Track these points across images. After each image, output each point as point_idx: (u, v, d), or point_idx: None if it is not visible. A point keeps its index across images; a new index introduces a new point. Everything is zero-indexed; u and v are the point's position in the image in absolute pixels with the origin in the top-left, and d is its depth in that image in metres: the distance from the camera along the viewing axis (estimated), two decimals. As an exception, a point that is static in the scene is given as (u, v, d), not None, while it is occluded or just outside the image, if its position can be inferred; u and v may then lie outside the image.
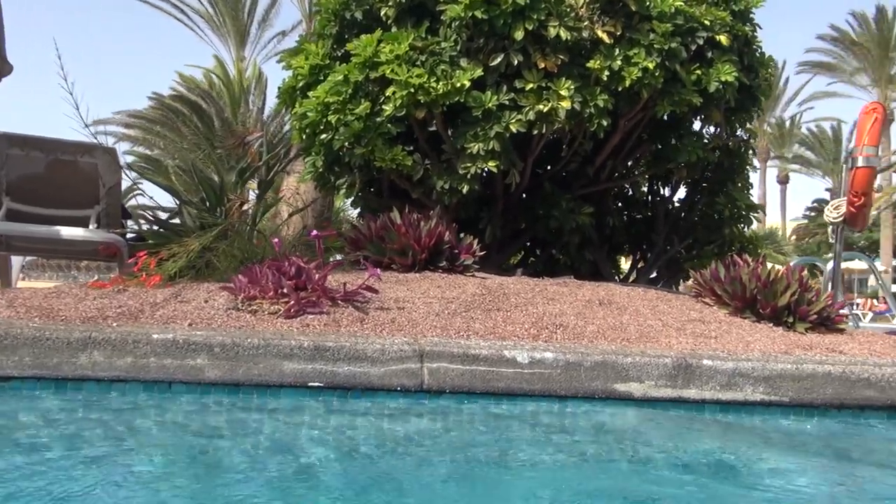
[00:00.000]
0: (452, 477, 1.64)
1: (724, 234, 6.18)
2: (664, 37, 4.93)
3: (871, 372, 2.53)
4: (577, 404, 2.35)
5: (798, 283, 4.04)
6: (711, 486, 1.65)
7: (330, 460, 1.76)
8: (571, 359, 2.42)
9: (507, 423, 2.22)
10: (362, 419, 2.22)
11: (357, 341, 2.47)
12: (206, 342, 2.34)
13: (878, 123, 6.25)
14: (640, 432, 2.21)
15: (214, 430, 2.08)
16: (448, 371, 2.40)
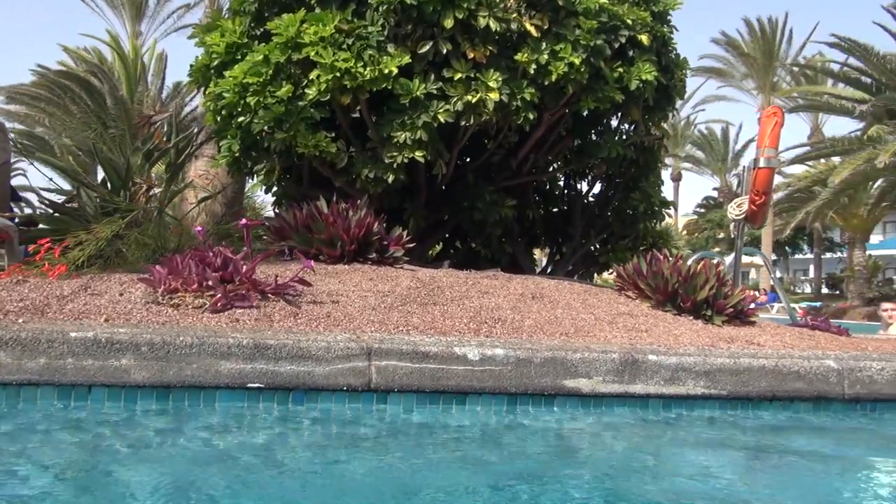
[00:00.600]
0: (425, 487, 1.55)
1: (638, 229, 6.37)
2: (590, 33, 4.98)
3: (800, 365, 2.66)
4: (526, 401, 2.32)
5: (716, 278, 4.20)
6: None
7: (274, 473, 1.62)
8: (522, 355, 2.39)
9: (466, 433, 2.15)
10: (309, 423, 2.09)
11: (300, 338, 2.33)
12: (132, 341, 2.12)
13: (779, 126, 6.61)
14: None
15: (137, 441, 1.88)
16: (397, 369, 2.30)
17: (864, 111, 21.00)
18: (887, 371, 2.74)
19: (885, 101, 20.14)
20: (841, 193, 23.40)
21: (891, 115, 21.06)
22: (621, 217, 6.48)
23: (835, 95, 22.76)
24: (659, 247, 6.69)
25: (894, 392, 2.75)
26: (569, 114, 5.60)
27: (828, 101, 22.93)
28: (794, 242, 39.57)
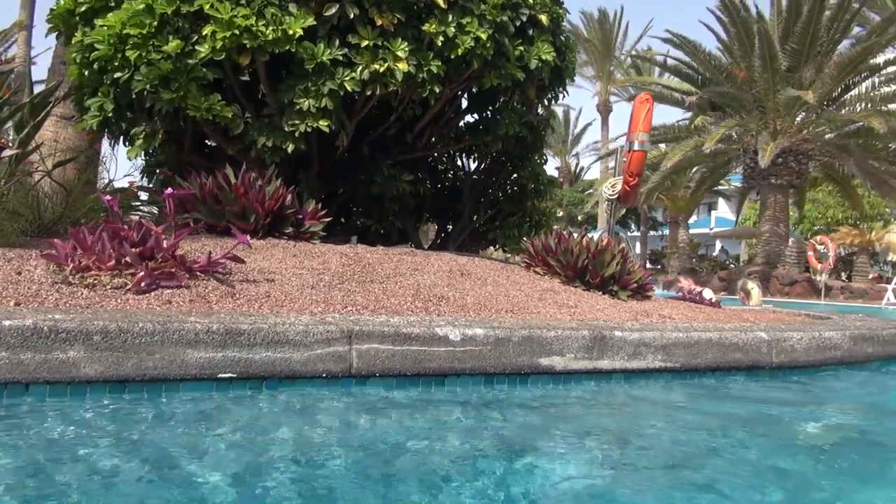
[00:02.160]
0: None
1: (526, 207, 6.52)
2: (495, 9, 4.96)
3: (739, 338, 2.85)
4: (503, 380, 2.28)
5: (620, 255, 4.39)
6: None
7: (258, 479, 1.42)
8: (501, 335, 2.33)
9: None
10: (288, 416, 1.88)
11: (277, 322, 2.09)
12: (81, 329, 1.79)
13: (650, 112, 7.04)
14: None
15: (88, 452, 1.56)
16: (378, 353, 2.15)
17: (693, 102, 23.02)
18: (804, 341, 3.03)
19: (709, 94, 22.20)
20: (668, 177, 25.58)
21: (713, 107, 23.29)
22: (510, 194, 6.60)
23: (667, 87, 24.72)
24: (542, 224, 6.92)
25: (809, 359, 3.06)
26: (468, 89, 5.58)
27: (661, 91, 24.85)
28: (625, 222, 42.81)
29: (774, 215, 23.02)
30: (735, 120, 21.87)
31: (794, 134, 21.72)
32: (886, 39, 21.94)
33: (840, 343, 3.15)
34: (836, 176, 24.57)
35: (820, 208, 31.35)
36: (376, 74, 4.66)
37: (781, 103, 21.18)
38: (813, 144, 22.15)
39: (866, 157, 21.25)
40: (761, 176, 22.55)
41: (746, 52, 21.84)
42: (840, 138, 21.56)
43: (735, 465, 1.63)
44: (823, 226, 30.39)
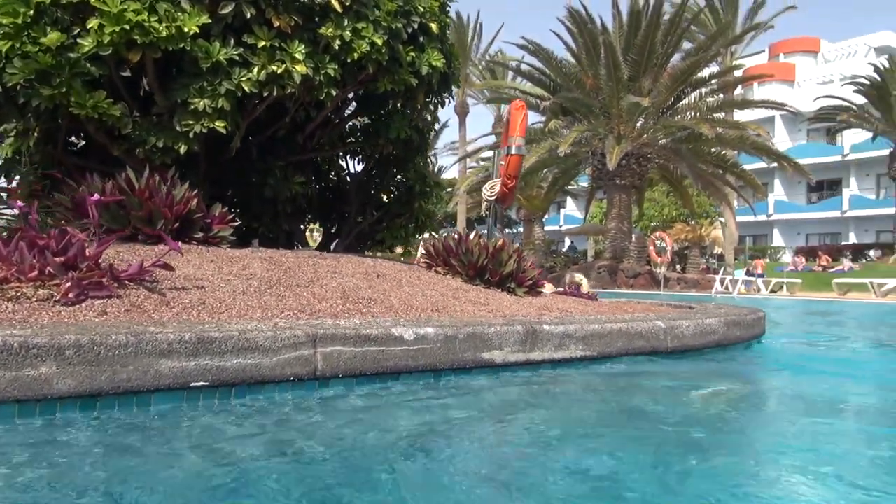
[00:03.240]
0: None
1: (413, 208, 6.68)
2: (390, 15, 5.09)
3: (642, 327, 3.18)
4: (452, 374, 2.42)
5: (516, 255, 4.68)
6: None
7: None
8: (449, 332, 2.46)
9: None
10: (269, 420, 1.88)
11: (245, 329, 2.08)
12: (53, 343, 1.69)
13: (525, 119, 7.46)
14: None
15: (67, 459, 1.50)
16: (341, 355, 2.19)
17: (546, 107, 24.31)
18: (692, 327, 3.44)
19: (561, 99, 23.57)
20: (524, 178, 26.86)
21: (565, 112, 24.77)
22: (398, 195, 6.73)
23: (522, 91, 25.91)
24: (426, 225, 7.12)
25: (695, 343, 3.47)
26: (361, 93, 5.65)
27: (517, 95, 26.02)
28: (482, 220, 44.23)
29: (620, 213, 24.89)
30: (585, 124, 23.40)
31: (635, 138, 23.60)
32: (711, 55, 24.45)
33: (717, 328, 3.61)
34: (670, 177, 27.01)
35: (656, 207, 34.25)
36: (274, 76, 4.62)
37: (624, 109, 22.95)
38: (651, 148, 24.20)
39: (696, 161, 23.55)
40: (608, 177, 24.29)
41: (593, 62, 23.44)
42: (674, 143, 23.70)
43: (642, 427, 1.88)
44: (660, 223, 33.25)
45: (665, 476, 1.52)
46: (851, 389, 3.04)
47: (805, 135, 41.71)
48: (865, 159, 38.49)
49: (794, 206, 41.96)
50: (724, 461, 1.68)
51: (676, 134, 23.60)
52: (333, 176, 7.11)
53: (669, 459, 1.65)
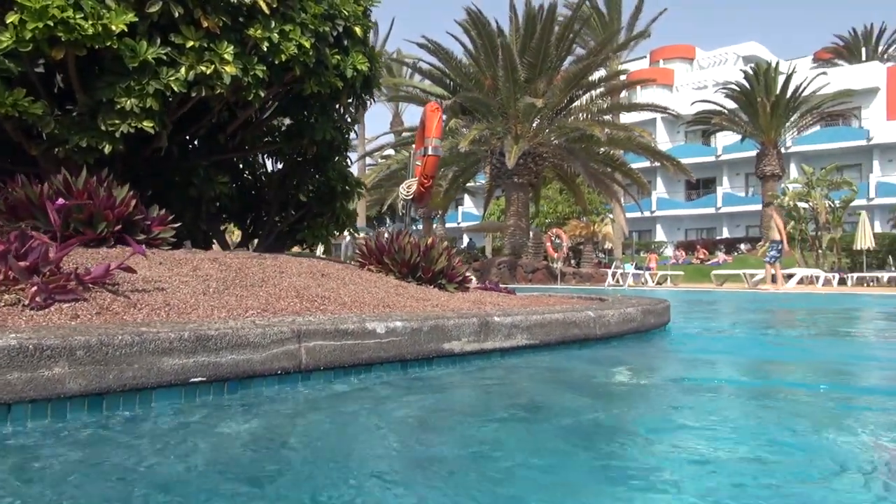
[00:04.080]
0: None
1: (335, 207, 6.76)
2: (317, 18, 5.17)
3: (577, 317, 3.47)
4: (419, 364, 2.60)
5: (446, 252, 4.91)
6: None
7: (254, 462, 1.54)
8: (415, 325, 2.63)
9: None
10: (263, 411, 1.97)
11: (238, 327, 2.15)
12: (65, 345, 1.71)
13: (441, 120, 7.71)
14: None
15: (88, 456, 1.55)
16: (322, 348, 2.31)
17: (447, 106, 24.71)
18: (616, 316, 3.78)
19: (461, 98, 24.07)
20: (427, 175, 27.22)
21: (464, 111, 25.31)
22: (319, 195, 6.79)
23: (422, 90, 26.21)
24: (346, 224, 7.22)
25: (619, 330, 3.82)
26: (287, 94, 5.69)
27: (416, 94, 26.33)
28: (381, 217, 44.30)
29: (518, 211, 25.75)
30: (484, 124, 24.03)
31: (532, 138, 24.50)
32: (600, 60, 25.73)
33: (636, 316, 3.99)
34: (564, 176, 28.20)
35: (551, 204, 35.59)
36: (203, 76, 4.61)
37: (521, 110, 23.76)
38: (547, 148, 25.19)
39: (588, 160, 24.75)
40: (506, 175, 25.06)
41: (491, 63, 24.10)
42: (568, 143, 24.79)
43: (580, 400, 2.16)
44: (554, 220, 34.60)
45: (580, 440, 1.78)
46: (747, 362, 3.49)
47: (683, 136, 44.62)
48: (736, 160, 41.71)
49: (674, 203, 44.82)
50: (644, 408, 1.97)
51: (570, 134, 24.69)
52: (248, 175, 7.06)
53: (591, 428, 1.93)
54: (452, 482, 1.42)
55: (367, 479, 1.43)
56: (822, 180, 25.20)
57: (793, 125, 33.10)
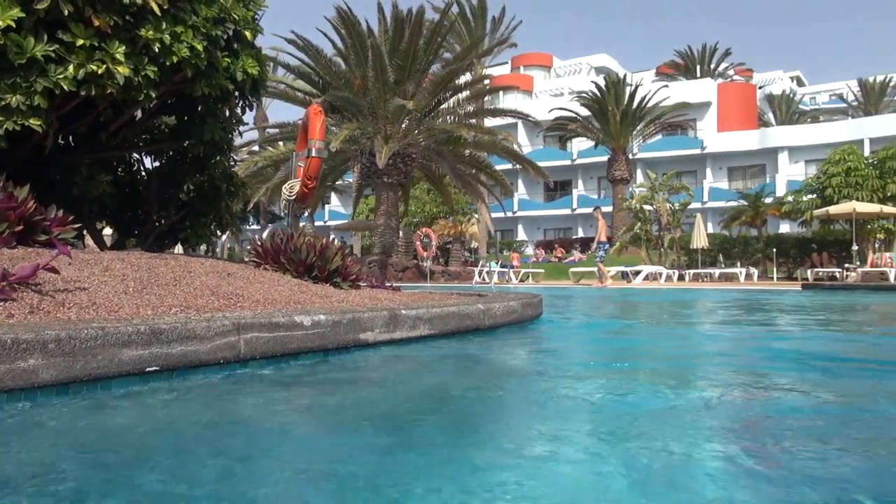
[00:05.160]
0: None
1: (220, 207, 6.79)
2: (209, 22, 5.25)
3: (470, 310, 3.86)
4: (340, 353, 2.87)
5: (340, 253, 5.18)
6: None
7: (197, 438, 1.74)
8: (336, 318, 2.88)
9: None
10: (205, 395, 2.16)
11: (186, 321, 2.30)
12: (38, 339, 1.81)
13: (324, 123, 7.91)
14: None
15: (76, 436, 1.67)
16: (258, 339, 2.51)
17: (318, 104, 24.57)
18: (501, 309, 4.22)
19: (331, 97, 24.04)
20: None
21: (334, 110, 25.29)
22: (203, 195, 6.78)
23: (291, 87, 25.87)
24: (229, 225, 7.25)
25: (504, 321, 4.27)
26: (176, 94, 5.69)
27: (286, 90, 25.94)
28: (244, 216, 42.97)
29: (388, 210, 26.11)
30: (354, 123, 24.16)
31: (401, 139, 24.94)
32: (466, 65, 26.67)
33: (517, 309, 4.48)
34: (432, 176, 28.92)
35: (419, 204, 36.26)
36: (94, 75, 4.58)
37: (391, 111, 24.16)
38: (416, 149, 25.74)
39: (456, 162, 25.60)
40: (376, 175, 25.34)
41: (361, 63, 24.28)
42: (437, 145, 25.48)
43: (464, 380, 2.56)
44: (422, 219, 35.31)
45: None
46: (608, 344, 4.09)
47: (542, 140, 47.01)
48: (590, 164, 44.60)
49: (534, 204, 47.15)
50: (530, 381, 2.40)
51: (438, 136, 25.40)
52: (122, 174, 6.91)
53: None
54: (361, 436, 1.75)
55: (292, 443, 1.73)
56: (664, 185, 27.70)
57: (639, 133, 36.02)
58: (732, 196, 35.18)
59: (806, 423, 1.95)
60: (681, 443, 1.71)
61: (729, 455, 1.60)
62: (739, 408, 2.19)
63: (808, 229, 28.35)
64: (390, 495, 1.31)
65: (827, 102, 62.87)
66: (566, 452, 1.63)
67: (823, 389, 2.54)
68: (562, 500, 1.31)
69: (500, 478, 1.43)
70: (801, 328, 5.62)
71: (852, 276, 19.46)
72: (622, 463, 1.53)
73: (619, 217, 33.24)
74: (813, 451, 1.62)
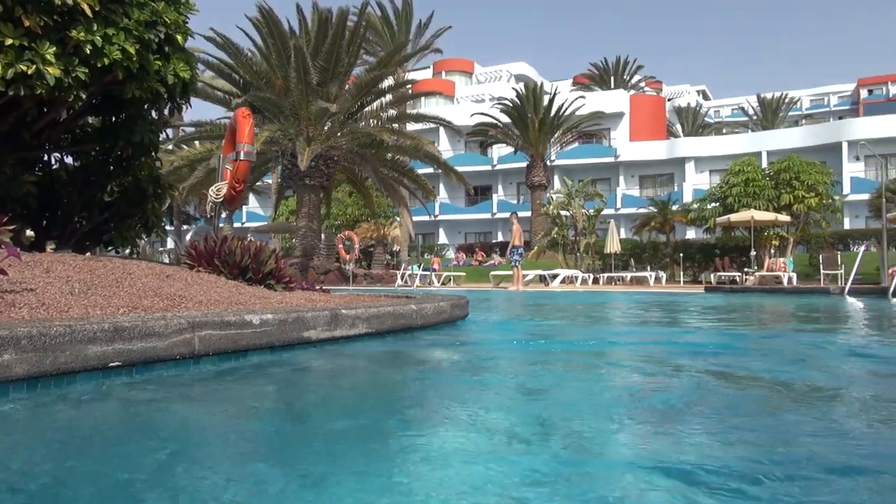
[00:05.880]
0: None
1: (146, 209, 6.75)
2: (141, 25, 5.28)
3: (404, 310, 4.08)
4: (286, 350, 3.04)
5: (274, 255, 5.32)
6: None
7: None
8: (282, 318, 3.04)
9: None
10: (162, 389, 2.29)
11: (146, 319, 2.41)
12: (12, 335, 1.90)
13: (252, 127, 7.96)
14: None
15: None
16: (211, 337, 2.64)
17: (238, 104, 24.15)
18: (432, 309, 4.47)
19: (252, 98, 23.70)
20: (209, 173, 26.31)
21: (255, 110, 24.90)
22: (128, 197, 6.73)
23: (211, 85, 25.30)
24: (154, 226, 7.21)
25: (435, 320, 4.52)
26: (99, 94, 5.66)
27: (204, 88, 25.34)
28: (169, 217, 41.42)
29: (309, 213, 25.94)
30: (276, 124, 23.92)
31: (323, 141, 24.86)
32: (390, 70, 26.86)
33: (447, 309, 4.75)
34: (354, 179, 28.94)
35: (341, 206, 36.11)
36: (23, 75, 4.56)
37: (314, 113, 24.05)
38: (339, 151, 25.71)
39: (379, 165, 25.75)
40: (298, 177, 25.15)
41: (283, 63, 24.06)
42: (360, 148, 25.55)
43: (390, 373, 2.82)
44: (344, 221, 35.19)
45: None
46: (523, 336, 4.43)
47: (464, 145, 47.74)
48: (509, 169, 45.65)
49: (455, 209, 47.79)
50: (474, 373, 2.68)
51: (362, 139, 25.46)
52: (41, 174, 6.77)
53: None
54: (311, 414, 1.98)
55: (252, 420, 1.94)
56: (580, 191, 28.77)
57: (556, 141, 37.23)
58: (643, 203, 36.88)
59: (664, 388, 2.31)
60: (580, 408, 2.02)
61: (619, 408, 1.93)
62: (632, 381, 2.54)
63: (712, 235, 30.10)
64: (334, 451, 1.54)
65: (730, 116, 66.76)
66: (483, 429, 1.91)
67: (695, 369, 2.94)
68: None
69: (416, 441, 1.70)
70: (697, 323, 6.17)
71: (750, 279, 20.89)
72: (529, 414, 1.82)
73: (537, 222, 34.22)
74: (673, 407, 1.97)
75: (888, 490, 1.39)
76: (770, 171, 27.07)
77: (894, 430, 1.91)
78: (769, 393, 2.51)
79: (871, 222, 35.49)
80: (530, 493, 1.33)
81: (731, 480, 1.40)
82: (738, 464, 1.52)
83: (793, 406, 2.23)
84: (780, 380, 2.76)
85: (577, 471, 1.50)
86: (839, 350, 3.96)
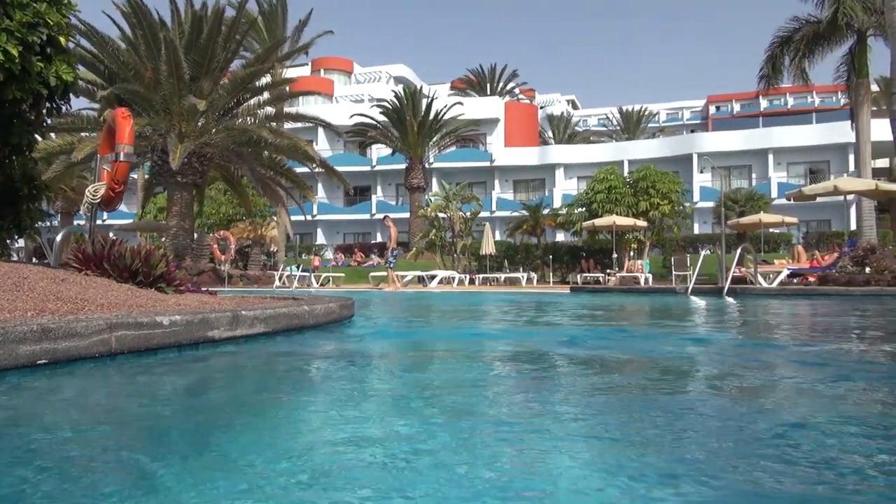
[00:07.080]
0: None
1: (20, 210, 6.58)
2: (24, 27, 5.26)
3: (298, 311, 4.38)
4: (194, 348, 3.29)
5: (164, 259, 5.46)
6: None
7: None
8: (189, 318, 3.26)
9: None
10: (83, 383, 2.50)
11: (69, 321, 2.57)
12: None
13: (133, 127, 7.90)
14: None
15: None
16: (126, 337, 2.84)
17: (103, 96, 22.98)
18: (323, 310, 4.80)
19: (119, 90, 22.63)
20: (76, 167, 24.80)
21: (121, 102, 23.75)
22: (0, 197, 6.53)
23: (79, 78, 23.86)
24: (28, 227, 7.04)
25: (325, 320, 4.85)
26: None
27: (65, 78, 23.84)
28: (42, 218, 38.26)
29: (181, 211, 25.07)
30: (146, 119, 22.95)
31: (197, 137, 24.14)
32: (267, 67, 26.50)
33: (336, 310, 5.10)
34: (229, 177, 28.25)
35: (214, 205, 35.01)
36: None
37: (186, 109, 23.32)
38: (213, 149, 25.06)
39: (255, 164, 25.34)
40: (169, 174, 24.25)
41: (153, 56, 23.14)
42: (236, 146, 25.02)
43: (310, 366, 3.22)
44: (217, 220, 34.16)
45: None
46: (402, 333, 4.92)
47: (343, 145, 47.65)
48: (389, 171, 46.12)
49: (334, 209, 47.61)
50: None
51: (238, 137, 24.96)
52: None
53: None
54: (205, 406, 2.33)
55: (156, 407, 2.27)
56: (457, 194, 29.75)
57: (435, 144, 38.13)
58: (517, 206, 38.56)
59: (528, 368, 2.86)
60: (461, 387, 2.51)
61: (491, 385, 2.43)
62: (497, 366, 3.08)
63: (579, 238, 32.09)
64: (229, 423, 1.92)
65: (596, 125, 70.85)
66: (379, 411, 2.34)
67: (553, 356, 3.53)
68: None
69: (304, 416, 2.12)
70: (559, 319, 6.93)
71: (612, 280, 22.61)
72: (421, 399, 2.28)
73: (416, 224, 34.90)
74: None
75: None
76: (630, 179, 29.28)
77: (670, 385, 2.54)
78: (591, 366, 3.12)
79: (717, 227, 39.22)
80: (404, 445, 1.77)
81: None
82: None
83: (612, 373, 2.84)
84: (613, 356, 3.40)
85: (432, 427, 1.97)
86: (661, 333, 4.74)
